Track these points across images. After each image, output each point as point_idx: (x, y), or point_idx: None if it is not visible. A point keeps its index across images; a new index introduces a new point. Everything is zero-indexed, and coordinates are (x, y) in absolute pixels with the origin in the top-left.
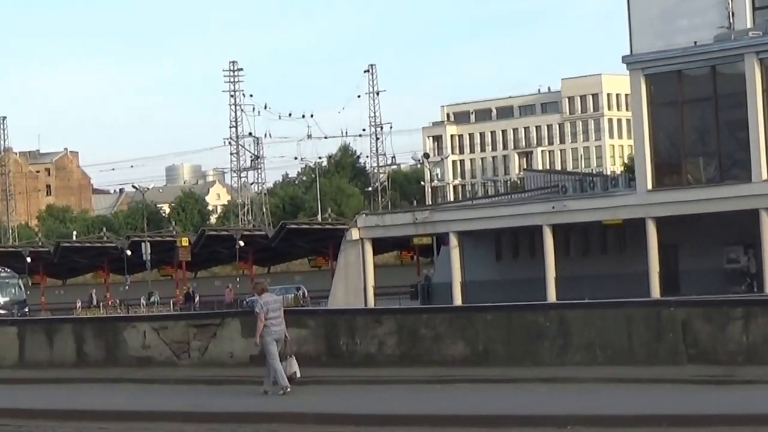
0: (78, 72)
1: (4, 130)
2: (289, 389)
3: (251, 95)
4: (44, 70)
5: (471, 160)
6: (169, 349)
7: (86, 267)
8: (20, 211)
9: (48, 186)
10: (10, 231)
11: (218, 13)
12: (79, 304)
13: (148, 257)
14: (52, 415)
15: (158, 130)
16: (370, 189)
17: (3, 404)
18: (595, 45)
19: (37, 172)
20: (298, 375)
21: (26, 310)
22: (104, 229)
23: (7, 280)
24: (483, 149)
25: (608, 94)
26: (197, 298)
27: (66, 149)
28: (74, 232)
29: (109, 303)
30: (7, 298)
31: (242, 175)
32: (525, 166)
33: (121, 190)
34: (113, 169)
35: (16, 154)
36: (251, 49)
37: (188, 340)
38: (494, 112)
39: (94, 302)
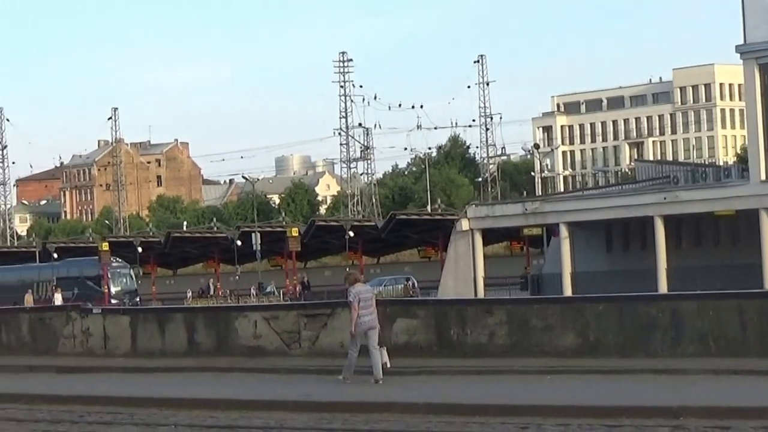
0: (189, 63)
1: (115, 121)
2: (349, 381)
3: (361, 86)
4: (155, 62)
5: (581, 150)
6: (279, 338)
7: (196, 257)
8: (131, 201)
9: (159, 177)
10: (122, 221)
11: (328, 4)
12: (189, 294)
13: (258, 247)
14: (164, 404)
15: (268, 121)
16: (479, 179)
17: (116, 392)
18: (707, 34)
19: (148, 163)
20: (389, 365)
21: (137, 299)
22: (214, 220)
23: (118, 270)
24: (593, 140)
25: (721, 84)
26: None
27: (176, 140)
28: (185, 223)
29: (219, 293)
30: (118, 288)
31: (352, 165)
32: (635, 157)
33: (231, 181)
34: (223, 160)
35: (127, 145)
36: (361, 40)
37: (299, 330)
38: (605, 102)
39: (212, 291)
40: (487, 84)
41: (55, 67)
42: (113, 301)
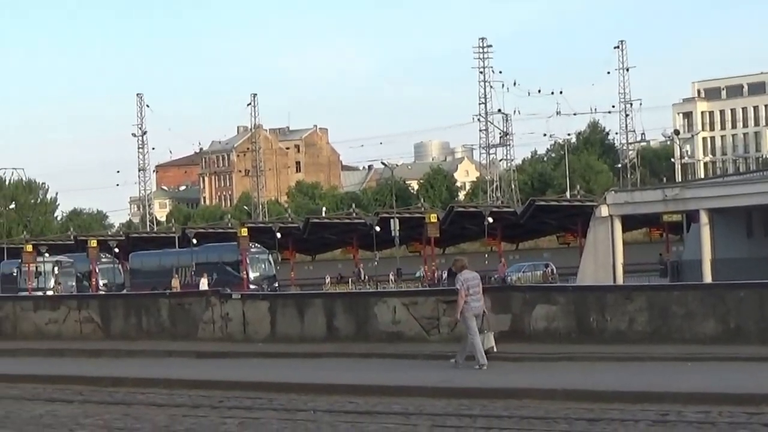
0: (328, 49)
1: (254, 107)
2: (485, 366)
3: (500, 72)
4: (295, 48)
5: (721, 136)
6: (418, 324)
7: (335, 243)
8: (270, 187)
9: (297, 162)
10: (260, 207)
11: None
12: (328, 280)
13: (397, 233)
14: (303, 389)
15: (407, 107)
16: (619, 166)
17: (255, 377)
18: None
19: (287, 149)
20: (495, 350)
21: (276, 285)
22: (353, 206)
23: (257, 256)
24: (734, 126)
25: None
26: (445, 274)
27: (315, 126)
28: (323, 208)
29: (358, 278)
30: (257, 273)
31: (491, 151)
32: None
33: (369, 167)
34: (362, 146)
35: (266, 131)
36: (500, 26)
37: (438, 316)
38: (746, 88)
39: (363, 276)
40: (627, 70)
41: (195, 54)
42: (252, 287)
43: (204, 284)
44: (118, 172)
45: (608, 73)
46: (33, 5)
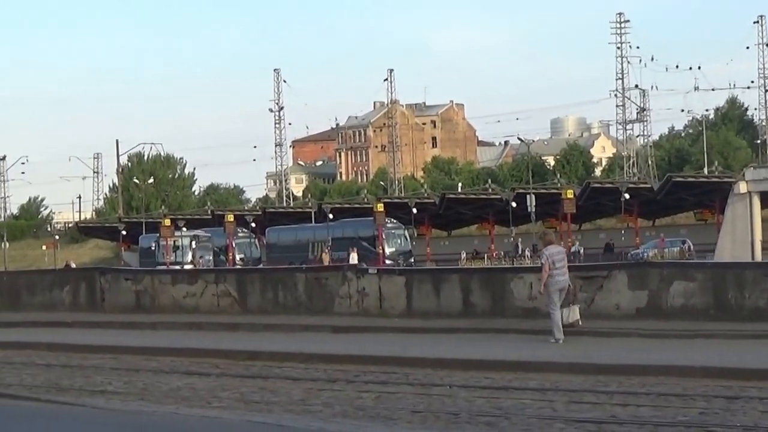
0: (465, 23)
1: (391, 83)
2: (561, 341)
3: (638, 47)
4: (432, 24)
5: None
6: None
7: (471, 218)
8: (406, 162)
9: (433, 138)
10: (396, 182)
11: None
12: (463, 255)
13: (533, 209)
14: (439, 364)
15: (543, 83)
16: (758, 142)
17: (391, 352)
18: None
19: (423, 124)
20: (580, 323)
21: (411, 260)
22: (489, 181)
23: (393, 231)
24: None
25: None
26: (581, 251)
27: (452, 102)
28: (459, 184)
29: (494, 255)
30: (393, 249)
31: (628, 127)
32: None
33: (506, 143)
34: (498, 122)
35: (402, 106)
36: (638, 1)
37: (575, 292)
38: None
39: (520, 251)
40: (767, 45)
41: (332, 30)
42: (388, 262)
43: (354, 258)
44: (255, 147)
45: (747, 48)
46: None
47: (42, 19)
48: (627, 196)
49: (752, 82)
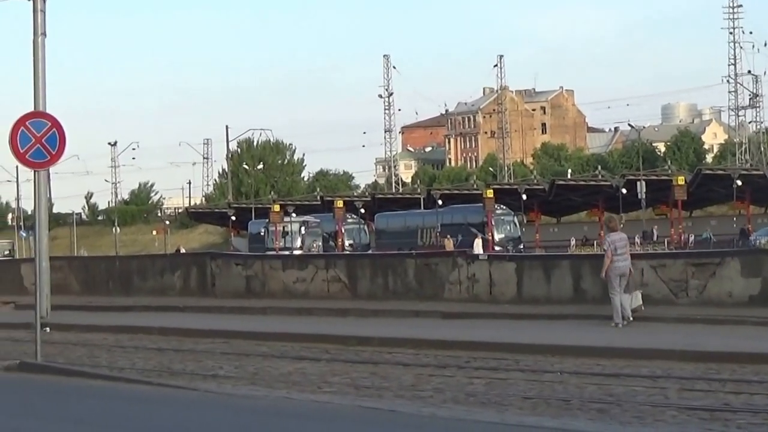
0: (575, 8)
1: (501, 69)
2: (621, 324)
3: (750, 32)
4: (542, 9)
5: None
6: (666, 287)
7: (580, 205)
8: (515, 149)
9: (543, 124)
10: (506, 169)
11: None
12: (573, 242)
13: (643, 196)
14: (550, 351)
15: (654, 68)
16: None
17: (501, 338)
18: None
19: (533, 110)
20: (643, 308)
21: (521, 246)
22: (599, 168)
23: (502, 218)
24: None
25: None
26: (691, 238)
27: (561, 87)
28: (569, 170)
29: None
30: (502, 235)
31: (740, 113)
32: None
33: (616, 129)
34: (608, 108)
35: (512, 92)
36: None
37: (686, 279)
38: None
39: (655, 237)
40: None
41: (442, 15)
42: (497, 248)
43: (478, 246)
44: (364, 133)
45: None
46: None
47: (156, 6)
48: (739, 182)
49: None
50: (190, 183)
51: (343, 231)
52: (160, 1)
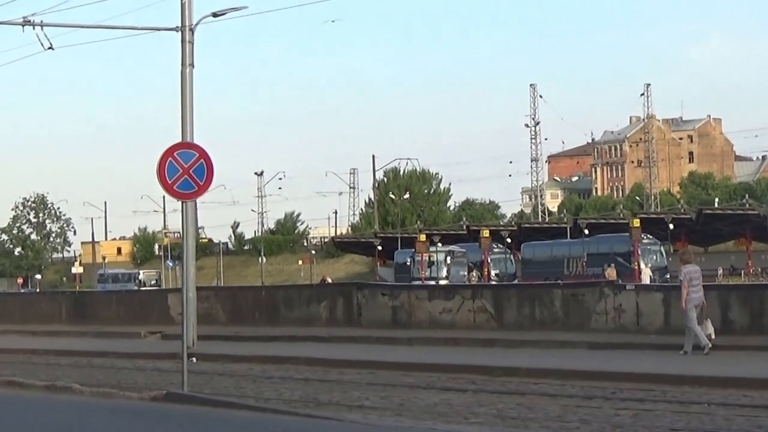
0: (723, 36)
1: (648, 97)
2: (708, 348)
3: None
4: (690, 36)
5: None
6: None
7: (727, 234)
8: (662, 178)
9: (690, 153)
10: (653, 198)
11: None
12: (720, 271)
13: None
14: (698, 382)
15: None
16: None
17: (648, 369)
18: None
19: (680, 139)
20: (713, 336)
21: (668, 276)
22: (746, 196)
23: (649, 247)
24: None
25: None
26: None
27: (709, 116)
28: (716, 199)
29: (751, 271)
30: (649, 265)
31: None
32: None
33: (764, 157)
34: (756, 136)
35: (659, 121)
36: None
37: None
38: None
39: None
40: None
41: (588, 44)
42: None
43: (646, 274)
44: (510, 162)
45: None
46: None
47: (299, 33)
48: None
49: None
50: (336, 212)
51: (489, 261)
52: (303, 28)
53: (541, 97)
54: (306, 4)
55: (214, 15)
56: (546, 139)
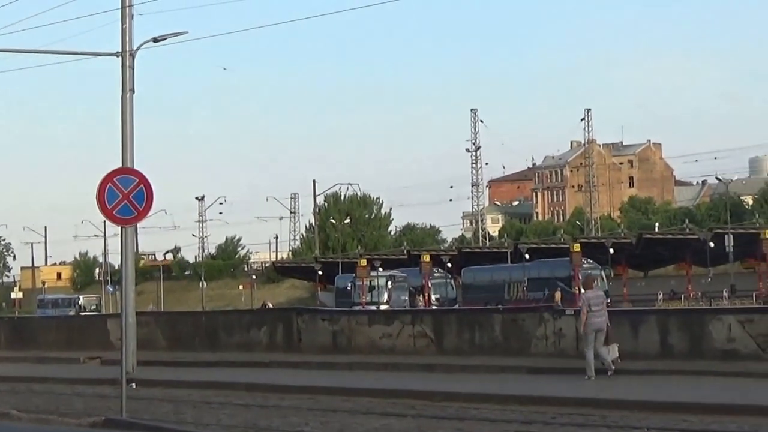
0: (661, 63)
1: (588, 122)
2: (593, 377)
3: None
4: (628, 61)
5: None
6: (754, 342)
7: (668, 259)
8: (603, 202)
9: (630, 177)
10: (593, 222)
11: None
12: (660, 296)
13: (731, 249)
14: (637, 406)
15: (742, 122)
16: None
17: (588, 394)
18: None
19: (620, 163)
20: (619, 360)
21: (608, 300)
22: (686, 221)
23: (589, 272)
24: None
25: None
26: None
27: (649, 141)
28: (656, 224)
29: (691, 295)
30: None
31: None
32: None
33: (703, 182)
34: (696, 161)
35: (599, 146)
36: None
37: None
38: None
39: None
40: None
41: (529, 69)
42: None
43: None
44: (451, 187)
45: None
46: (365, 19)
47: (241, 60)
48: None
49: None
50: (277, 237)
51: (430, 285)
52: (245, 57)
53: (482, 122)
54: (247, 29)
55: (155, 40)
56: (487, 163)
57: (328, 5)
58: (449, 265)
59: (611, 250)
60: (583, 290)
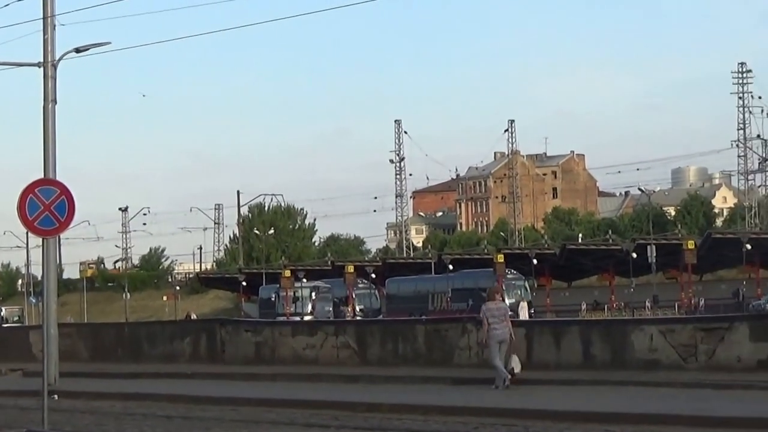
0: (584, 75)
1: (512, 133)
2: (501, 387)
3: (759, 97)
4: (552, 73)
5: None
6: (675, 352)
7: (591, 269)
8: (526, 213)
9: (554, 189)
10: (517, 233)
11: (726, 15)
12: (583, 306)
13: (654, 260)
14: (559, 417)
15: (664, 133)
16: None
17: (510, 404)
18: None
19: (544, 175)
20: (517, 371)
21: (532, 311)
22: (609, 232)
23: (513, 282)
24: None
25: None
26: (701, 302)
27: (572, 152)
28: (580, 235)
29: (614, 306)
30: (513, 300)
31: (749, 177)
32: None
33: (626, 193)
34: (619, 172)
35: (523, 157)
36: (760, 50)
37: (695, 344)
38: None
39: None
40: None
41: (453, 80)
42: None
43: (524, 310)
44: (375, 198)
45: None
46: (289, 31)
47: (166, 73)
48: (749, 246)
49: None
50: (201, 248)
51: (353, 296)
52: (169, 69)
53: (406, 133)
54: (169, 39)
55: (77, 51)
56: (411, 174)
57: (252, 16)
58: (373, 275)
59: (535, 261)
60: (485, 302)
